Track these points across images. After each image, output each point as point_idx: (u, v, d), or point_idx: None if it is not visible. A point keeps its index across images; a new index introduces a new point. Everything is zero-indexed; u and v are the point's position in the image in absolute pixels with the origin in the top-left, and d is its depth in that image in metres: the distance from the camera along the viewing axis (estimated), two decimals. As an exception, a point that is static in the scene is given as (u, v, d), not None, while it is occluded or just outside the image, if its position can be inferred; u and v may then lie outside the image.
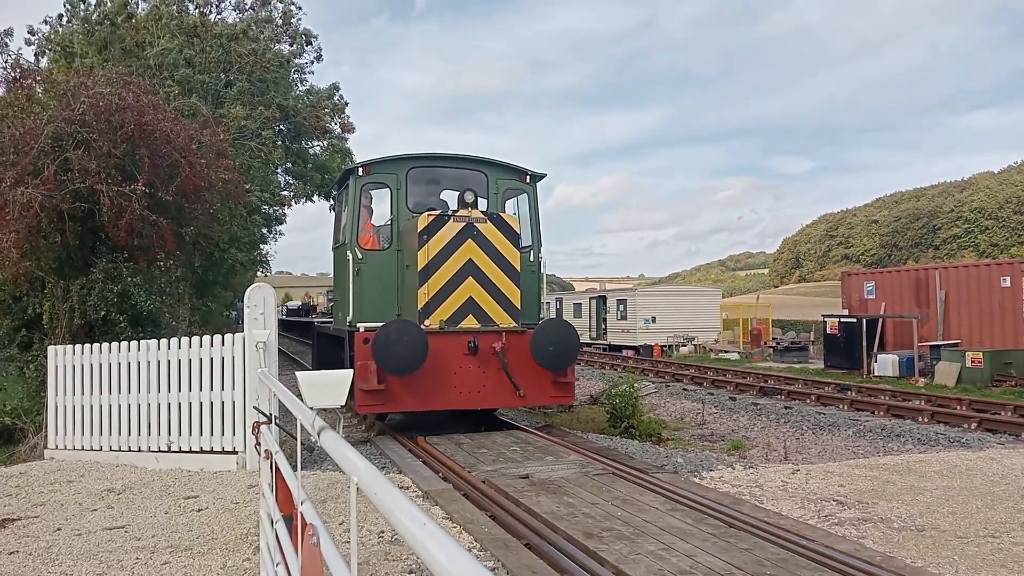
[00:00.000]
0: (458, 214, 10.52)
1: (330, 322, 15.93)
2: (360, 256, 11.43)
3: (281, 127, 25.61)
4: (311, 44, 27.07)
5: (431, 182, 12.69)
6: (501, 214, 11.11)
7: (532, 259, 12.09)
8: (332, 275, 13.80)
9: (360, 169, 11.79)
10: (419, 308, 10.43)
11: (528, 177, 12.48)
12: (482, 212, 10.78)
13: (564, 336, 10.59)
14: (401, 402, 10.30)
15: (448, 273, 10.45)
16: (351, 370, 3.27)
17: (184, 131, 13.83)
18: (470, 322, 10.54)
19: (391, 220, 11.88)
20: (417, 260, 10.39)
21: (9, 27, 23.07)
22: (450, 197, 12.64)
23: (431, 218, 10.39)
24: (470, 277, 10.50)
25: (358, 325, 10.50)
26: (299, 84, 27.55)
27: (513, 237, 10.78)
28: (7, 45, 22.49)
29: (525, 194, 12.51)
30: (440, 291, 10.43)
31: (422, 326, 10.19)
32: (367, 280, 11.42)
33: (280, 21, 26.27)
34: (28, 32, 24.15)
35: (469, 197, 10.69)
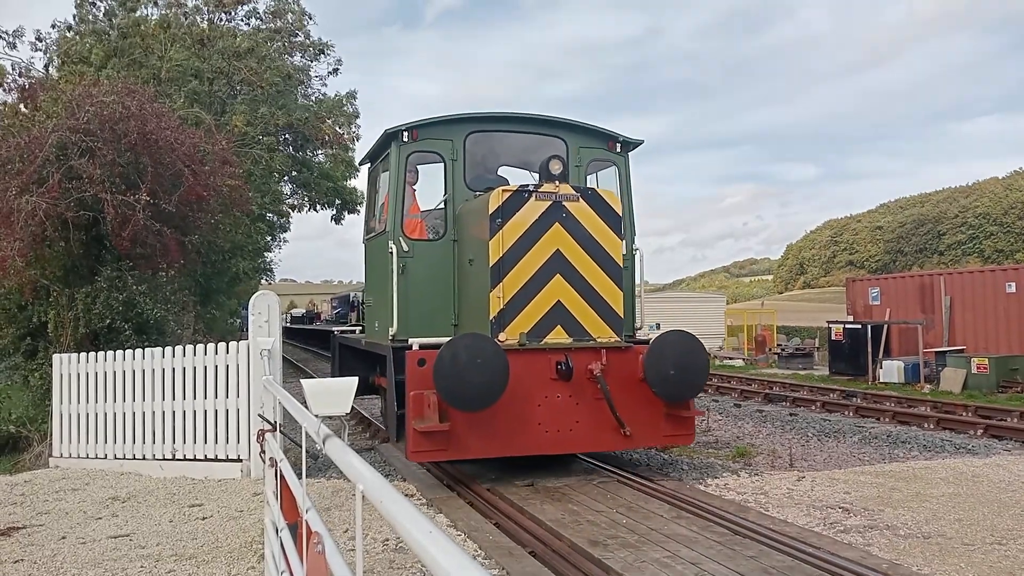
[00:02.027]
0: (541, 190, 8.07)
1: (355, 331, 12.84)
2: (406, 248, 8.87)
3: (286, 135, 25.68)
4: (324, 54, 27.10)
5: (494, 151, 10.17)
6: (598, 190, 8.58)
7: (625, 251, 9.12)
8: (366, 272, 11.16)
9: (405, 133, 9.10)
10: (491, 317, 7.88)
11: (619, 144, 9.85)
12: (573, 187, 8.31)
13: (691, 355, 8.13)
14: (468, 446, 7.70)
15: (530, 269, 7.97)
16: (355, 378, 3.25)
17: (188, 140, 13.88)
18: (558, 335, 8.04)
19: (445, 201, 9.26)
20: (488, 252, 7.93)
21: (19, 27, 23.13)
22: (511, 174, 10.14)
23: (506, 195, 7.95)
24: (558, 275, 8.03)
25: (411, 341, 7.94)
26: (309, 93, 27.58)
27: (613, 220, 8.33)
28: (16, 46, 22.60)
29: (614, 166, 9.86)
30: (519, 294, 7.94)
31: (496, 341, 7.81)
32: (416, 280, 8.89)
33: (289, 32, 26.31)
34: (36, 38, 24.25)
35: (556, 167, 8.18)
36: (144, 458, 9.65)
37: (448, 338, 7.64)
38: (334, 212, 29.80)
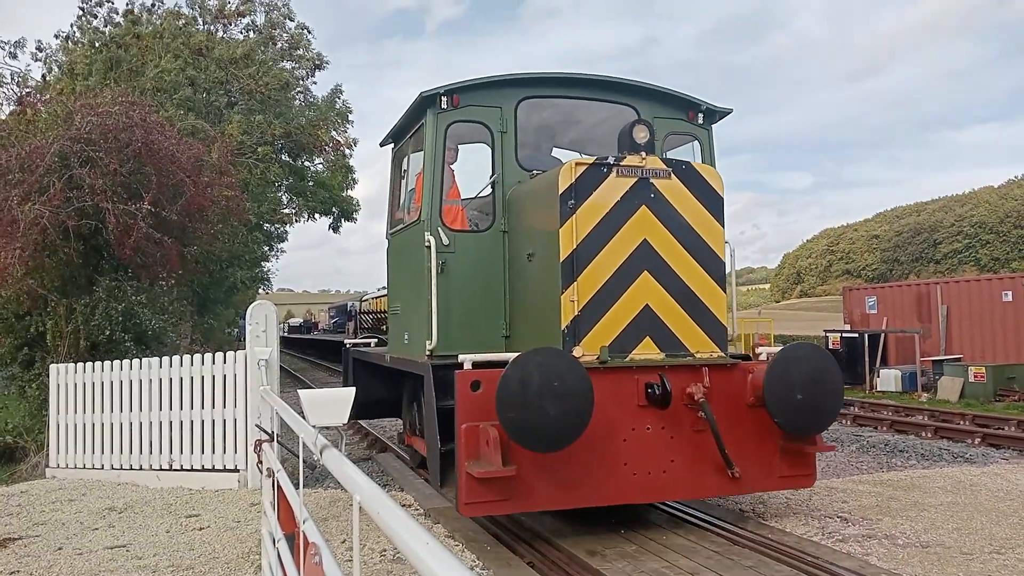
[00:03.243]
0: (625, 163, 6.43)
1: (371, 343, 10.83)
2: (447, 241, 7.29)
3: (281, 143, 25.71)
4: (320, 69, 27.19)
5: (549, 124, 8.55)
6: (695, 164, 6.89)
7: None
8: (390, 273, 9.52)
9: (443, 98, 7.42)
10: (563, 326, 6.23)
11: (701, 115, 8.08)
12: (663, 160, 6.70)
13: (823, 375, 6.33)
14: (537, 496, 5.97)
15: (611, 265, 6.36)
16: (353, 388, 3.24)
17: (189, 150, 13.93)
18: (647, 350, 6.38)
19: (492, 183, 7.60)
20: (557, 244, 6.30)
21: (21, 38, 23.24)
22: (566, 156, 8.50)
23: (581, 170, 6.35)
24: (646, 271, 6.41)
25: (462, 358, 6.11)
26: (301, 100, 27.64)
27: (714, 203, 6.69)
28: (17, 56, 22.67)
29: (696, 141, 8.10)
30: (598, 296, 6.32)
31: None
32: (458, 280, 7.30)
33: (287, 46, 26.39)
34: (36, 48, 24.32)
35: (642, 134, 6.53)
36: (141, 468, 9.62)
37: (512, 354, 5.92)
38: (331, 221, 29.82)
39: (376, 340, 10.96)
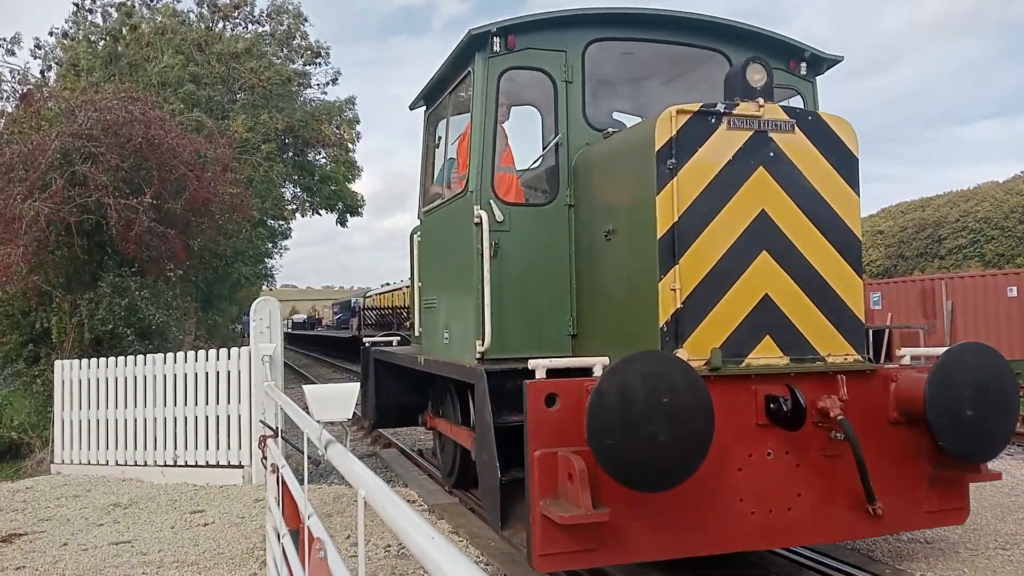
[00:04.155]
0: (738, 111, 5.09)
1: (391, 342, 9.92)
2: (500, 217, 6.00)
3: (286, 140, 25.76)
4: (320, 57, 27.23)
5: (622, 72, 7.23)
6: (823, 115, 5.42)
7: None
8: (420, 258, 8.26)
9: (496, 39, 6.07)
10: (661, 323, 4.92)
11: (803, 64, 6.64)
12: (785, 109, 5.30)
13: (998, 383, 5.00)
14: (632, 543, 4.66)
15: (721, 242, 5.04)
16: (356, 384, 3.23)
17: (191, 145, 13.95)
18: (767, 352, 5.08)
19: (556, 144, 6.26)
20: (653, 215, 4.97)
21: (16, 33, 23.30)
22: (631, 120, 7.15)
23: (684, 119, 4.99)
24: (764, 252, 5.10)
25: (533, 363, 4.69)
26: (309, 97, 27.70)
27: (847, 164, 5.35)
28: (15, 53, 22.72)
29: (797, 96, 6.63)
30: (706, 283, 5.00)
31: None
32: (514, 264, 6.03)
33: (286, 37, 26.45)
34: (35, 45, 24.37)
35: (758, 75, 5.17)
36: (146, 464, 9.64)
37: (597, 359, 4.67)
38: (337, 216, 29.86)
39: (399, 338, 9.99)
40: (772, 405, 4.85)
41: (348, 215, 30.00)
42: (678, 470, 4.27)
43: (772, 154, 5.16)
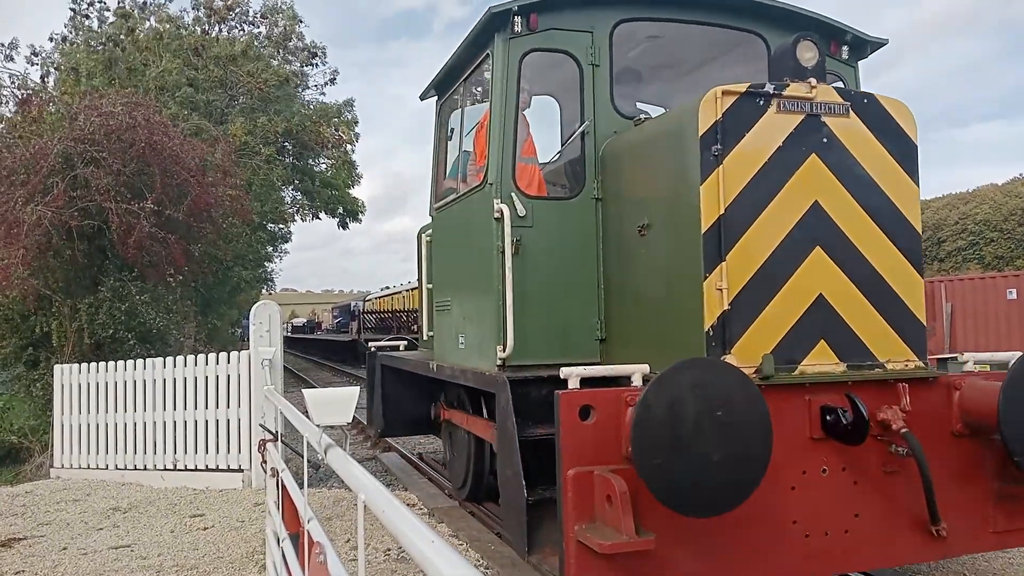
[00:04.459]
0: (788, 93, 4.65)
1: (398, 346, 9.24)
2: (523, 211, 5.65)
3: (285, 144, 25.81)
4: (317, 57, 27.29)
5: (651, 57, 6.69)
6: (879, 97, 4.93)
7: None
8: (433, 257, 7.74)
9: (518, 18, 5.70)
10: (708, 326, 4.47)
11: (845, 47, 6.16)
12: (839, 91, 4.86)
13: None
14: (674, 572, 4.22)
15: (772, 236, 4.61)
16: (357, 388, 3.24)
17: (193, 151, 13.98)
18: (822, 358, 4.65)
19: (582, 133, 5.85)
20: (697, 208, 4.53)
21: (13, 39, 23.36)
22: (655, 111, 6.44)
23: (730, 101, 4.55)
24: (818, 247, 4.67)
25: (566, 372, 4.28)
26: (306, 100, 27.76)
27: (905, 151, 4.92)
28: (12, 59, 22.75)
29: (839, 82, 6.07)
30: (756, 281, 4.57)
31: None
32: (537, 263, 5.67)
33: (282, 38, 26.51)
34: (32, 53, 24.41)
35: (808, 52, 4.73)
36: (145, 468, 9.64)
37: (635, 366, 4.30)
38: (339, 220, 29.91)
39: (406, 342, 9.37)
40: (829, 417, 4.40)
41: (349, 220, 30.06)
42: (733, 493, 3.84)
43: (825, 140, 4.74)
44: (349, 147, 28.24)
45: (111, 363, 10.18)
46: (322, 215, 29.30)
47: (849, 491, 4.48)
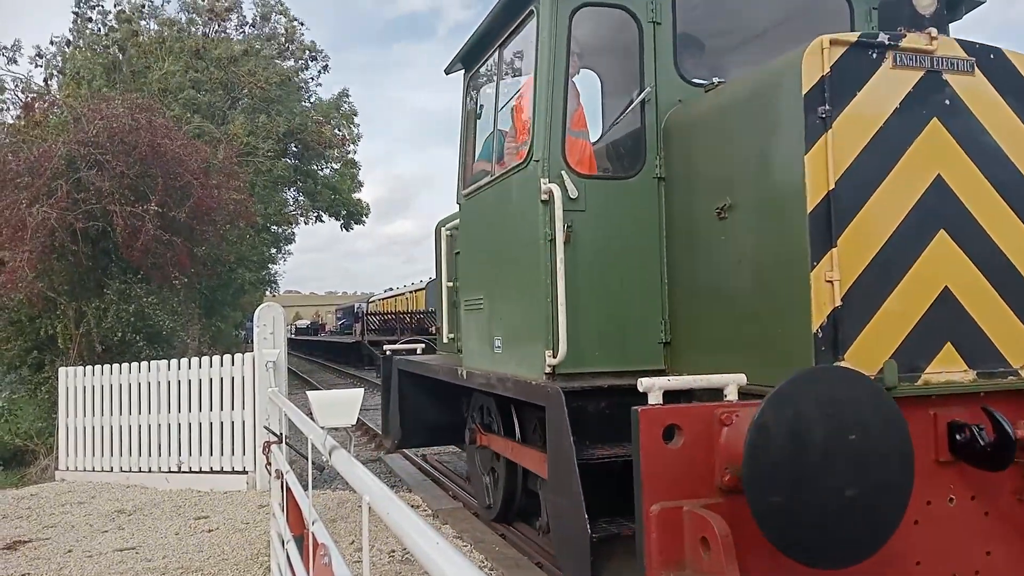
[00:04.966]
0: (904, 45, 3.90)
1: (415, 349, 8.87)
2: (574, 193, 4.89)
3: (289, 145, 25.87)
4: (316, 59, 27.34)
5: (717, 17, 5.80)
6: (1006, 51, 4.17)
7: None
8: (463, 248, 6.88)
9: None
10: (816, 326, 3.65)
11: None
12: (962, 44, 4.09)
13: None
14: None
15: (890, 217, 3.85)
16: (361, 389, 3.21)
17: (196, 153, 14.02)
18: (948, 364, 3.87)
19: (643, 102, 5.09)
20: (802, 182, 3.73)
21: (16, 40, 23.43)
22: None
23: (839, 53, 3.79)
24: (942, 231, 3.92)
25: (647, 383, 3.39)
26: (306, 98, 27.82)
27: None
28: (16, 61, 22.84)
29: None
30: (872, 272, 3.80)
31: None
32: (590, 253, 4.94)
33: (283, 39, 26.59)
34: (36, 55, 24.49)
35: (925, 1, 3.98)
36: (150, 471, 9.65)
37: (732, 376, 3.48)
38: (342, 222, 29.97)
39: (423, 345, 8.93)
40: (958, 436, 3.69)
41: (353, 222, 30.12)
42: (871, 536, 3.07)
43: (948, 102, 3.96)
44: (352, 146, 28.33)
45: (116, 365, 10.20)
46: (325, 217, 29.36)
47: (979, 524, 3.77)
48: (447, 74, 7.13)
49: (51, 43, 24.87)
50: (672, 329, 4.96)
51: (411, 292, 39.89)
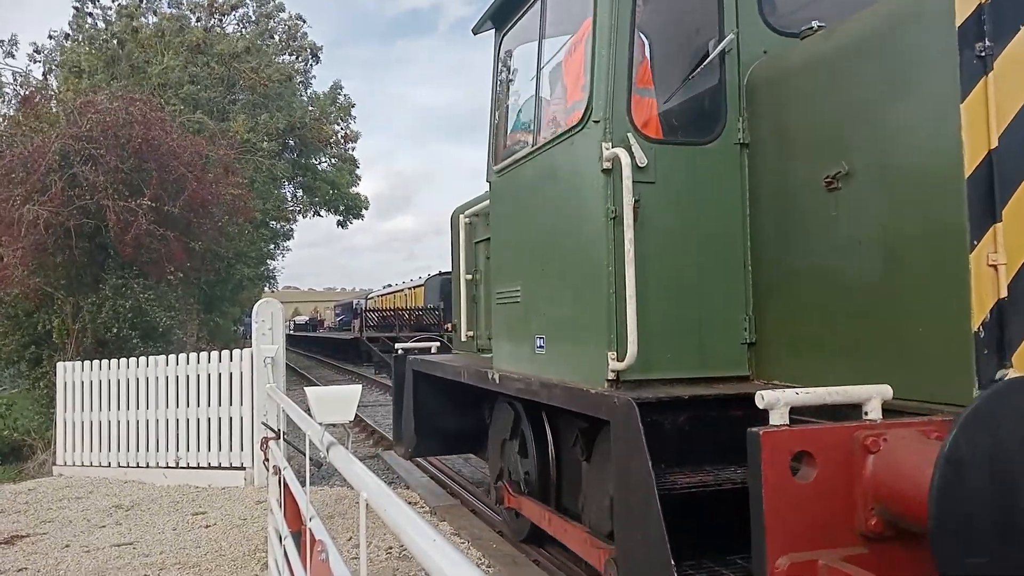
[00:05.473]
0: None
1: (430, 348, 8.28)
2: (643, 160, 4.05)
3: (289, 141, 25.85)
4: (317, 58, 27.31)
5: None
6: None
7: None
8: (495, 228, 5.98)
9: None
10: (977, 323, 2.83)
11: None
12: None
13: None
14: None
15: None
16: (359, 386, 3.21)
17: (191, 146, 13.98)
18: None
19: (722, 53, 4.27)
20: (958, 139, 2.88)
21: (13, 35, 23.41)
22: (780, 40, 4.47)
23: None
24: None
25: (770, 396, 2.65)
26: (303, 93, 27.77)
27: None
28: (13, 56, 22.81)
29: None
30: None
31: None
32: (659, 233, 4.13)
33: (284, 36, 26.57)
34: (34, 50, 24.46)
35: None
36: (147, 466, 9.65)
37: (874, 388, 2.86)
38: (340, 219, 29.96)
39: (437, 344, 8.39)
40: None
41: (351, 217, 30.09)
42: None
43: None
44: (351, 144, 28.32)
45: (114, 360, 10.19)
46: (323, 212, 29.35)
47: None
48: (475, 34, 6.40)
49: (49, 37, 24.85)
50: (758, 327, 4.19)
51: (410, 289, 39.87)
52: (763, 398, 2.67)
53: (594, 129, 4.14)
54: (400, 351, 8.20)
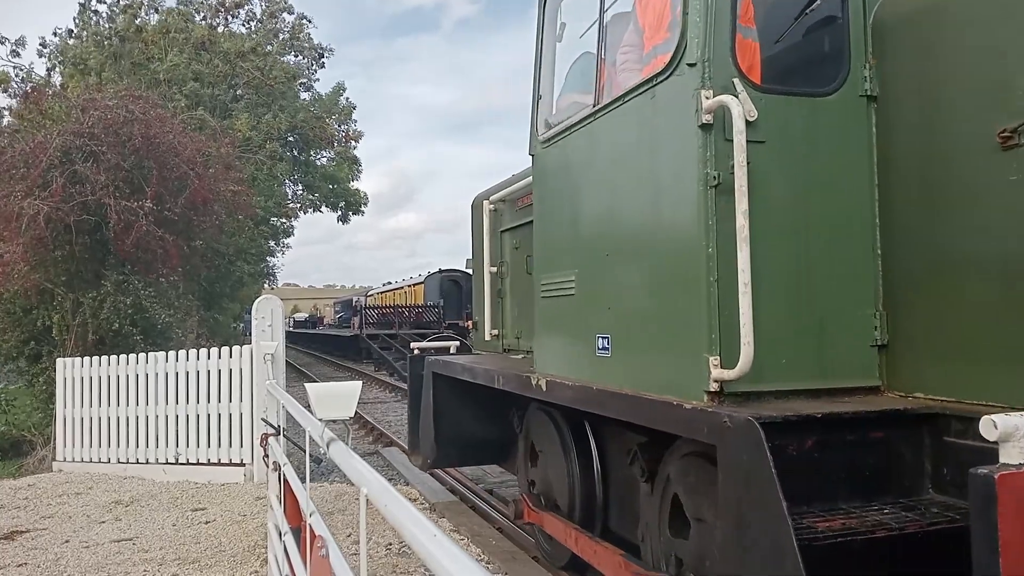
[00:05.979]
0: None
1: (449, 347, 7.52)
2: (753, 113, 3.15)
3: (289, 138, 25.84)
4: (323, 58, 27.33)
5: None
6: None
7: None
8: (542, 213, 5.05)
9: None
10: None
11: None
12: None
13: None
14: None
15: None
16: (359, 382, 3.20)
17: (192, 144, 13.98)
18: None
19: None
20: None
21: (21, 36, 23.41)
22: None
23: None
24: None
25: (995, 421, 1.96)
26: (304, 93, 27.80)
27: None
28: (19, 55, 22.80)
29: None
30: None
31: None
32: (770, 206, 3.23)
33: (289, 35, 26.55)
34: (40, 44, 24.48)
35: None
36: (147, 462, 9.65)
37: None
38: (339, 215, 29.98)
39: (457, 343, 7.73)
40: None
41: (351, 213, 30.12)
42: None
43: None
44: (354, 143, 28.35)
45: (114, 357, 10.19)
46: (323, 208, 29.38)
47: None
48: None
49: (54, 34, 24.85)
50: (892, 324, 3.37)
51: (409, 286, 39.88)
52: (995, 425, 2.02)
53: (688, 75, 3.30)
54: (416, 351, 7.49)
